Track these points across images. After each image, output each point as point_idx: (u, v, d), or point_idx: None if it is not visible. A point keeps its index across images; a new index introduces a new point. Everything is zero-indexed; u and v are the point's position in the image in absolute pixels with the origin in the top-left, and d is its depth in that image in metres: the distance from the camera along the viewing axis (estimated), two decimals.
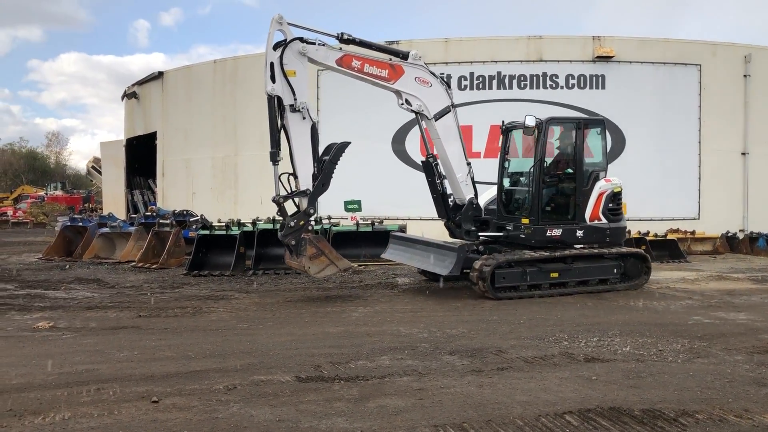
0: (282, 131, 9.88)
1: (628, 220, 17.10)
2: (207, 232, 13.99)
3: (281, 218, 10.03)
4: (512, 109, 17.82)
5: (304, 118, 9.79)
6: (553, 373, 5.91)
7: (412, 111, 10.62)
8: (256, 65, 20.37)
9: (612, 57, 17.83)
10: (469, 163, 10.99)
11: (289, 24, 9.81)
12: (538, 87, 18.05)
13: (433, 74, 10.69)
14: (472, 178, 11.02)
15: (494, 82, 18.14)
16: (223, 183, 21.15)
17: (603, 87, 18.05)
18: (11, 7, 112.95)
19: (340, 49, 10.23)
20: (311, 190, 9.83)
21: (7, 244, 22.49)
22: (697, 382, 5.61)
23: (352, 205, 16.61)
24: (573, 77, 18.03)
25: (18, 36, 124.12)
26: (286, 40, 9.74)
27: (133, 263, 14.73)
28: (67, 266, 15.01)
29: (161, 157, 23.84)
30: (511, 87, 18.10)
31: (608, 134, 17.60)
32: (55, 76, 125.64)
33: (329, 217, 15.53)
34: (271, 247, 13.38)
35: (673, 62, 18.27)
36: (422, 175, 11.22)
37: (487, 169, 17.92)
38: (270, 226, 13.75)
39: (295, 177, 9.85)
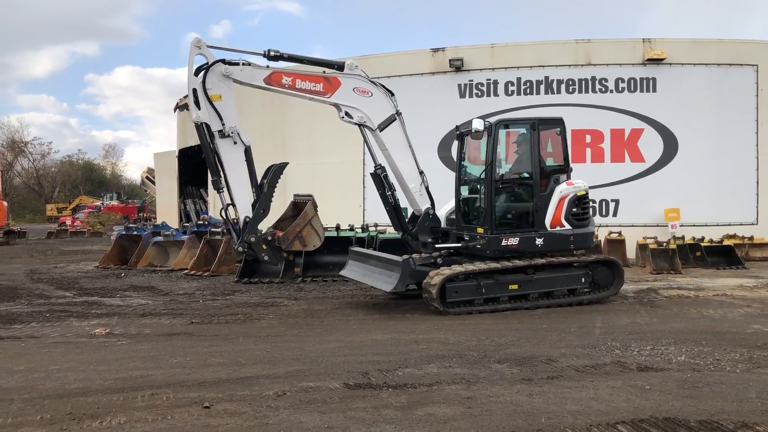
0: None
1: (681, 225, 16.87)
2: None
3: (258, 256, 9.60)
4: (560, 113, 17.48)
5: (235, 143, 9.30)
6: (605, 382, 5.80)
7: (354, 124, 9.99)
8: None
9: (663, 59, 17.43)
10: (421, 172, 10.38)
11: (209, 47, 9.37)
12: (586, 91, 17.77)
13: (374, 83, 10.07)
14: (427, 188, 10.43)
15: (542, 87, 17.93)
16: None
17: (654, 90, 17.66)
18: (70, 24, 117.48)
19: (268, 66, 9.64)
20: (250, 217, 9.32)
21: (66, 253, 23.27)
22: (758, 393, 5.41)
23: None
24: (623, 81, 17.70)
25: (76, 51, 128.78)
26: (208, 63, 9.29)
27: (186, 271, 15.06)
28: (123, 274, 15.44)
29: None
30: (558, 92, 17.86)
31: (660, 137, 17.49)
32: (110, 90, 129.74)
33: (376, 225, 15.57)
34: (319, 255, 13.48)
35: (728, 63, 17.74)
36: None
37: None
38: None
39: (233, 205, 9.37)
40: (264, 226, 9.68)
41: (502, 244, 9.94)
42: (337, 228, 14.38)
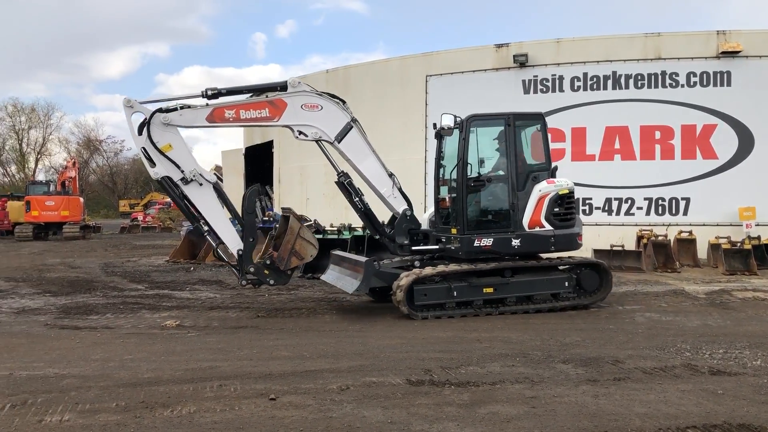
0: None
1: (757, 225, 16.16)
2: (320, 236, 14.37)
3: (265, 283, 9.65)
4: (628, 109, 17.14)
5: (201, 185, 9.26)
6: (675, 385, 5.63)
7: (311, 141, 9.72)
8: (366, 74, 20.78)
9: (739, 52, 16.69)
10: (391, 174, 10.08)
11: (142, 103, 9.34)
12: (656, 86, 17.21)
13: (322, 95, 9.71)
14: (400, 189, 10.13)
15: (609, 82, 17.48)
16: (335, 189, 21.51)
17: (728, 84, 16.95)
18: (142, 26, 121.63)
19: (207, 104, 9.42)
20: (242, 250, 9.36)
21: (138, 248, 24.15)
22: None
23: None
24: (695, 75, 17.06)
25: (148, 52, 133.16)
26: (146, 119, 9.21)
27: None
28: (192, 268, 15.92)
29: (278, 165, 24.75)
30: (627, 87, 17.37)
31: (734, 133, 16.78)
32: (180, 89, 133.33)
33: None
34: (381, 251, 13.54)
35: None
36: None
37: (603, 172, 17.26)
38: None
39: (222, 243, 9.42)
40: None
41: (475, 245, 9.49)
42: None
